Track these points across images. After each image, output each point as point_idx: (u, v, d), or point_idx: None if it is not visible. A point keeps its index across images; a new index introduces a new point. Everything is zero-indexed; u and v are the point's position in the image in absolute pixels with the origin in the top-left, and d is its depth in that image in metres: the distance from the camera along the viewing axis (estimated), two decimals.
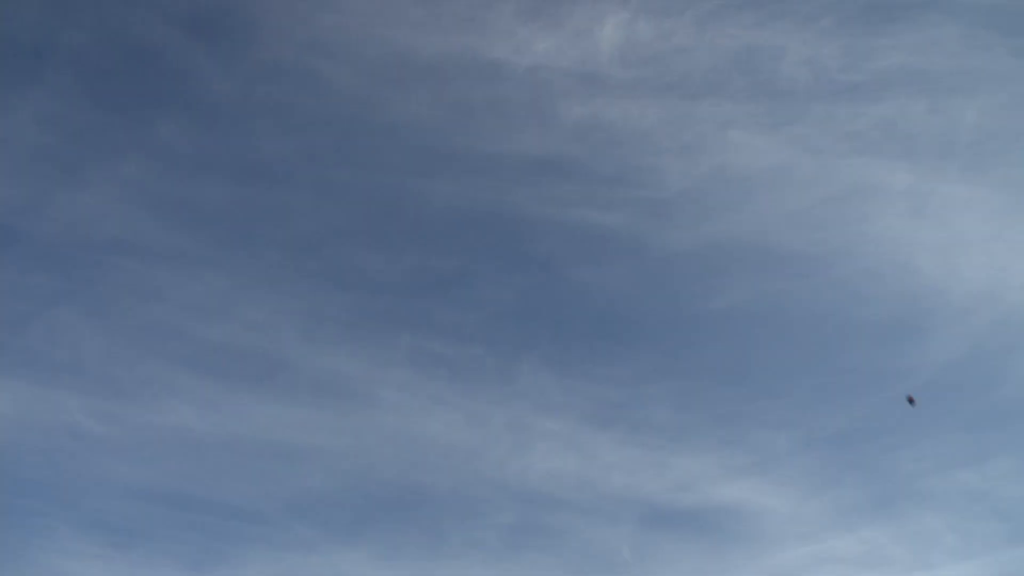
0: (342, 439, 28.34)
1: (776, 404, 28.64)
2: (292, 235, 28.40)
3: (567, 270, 28.54)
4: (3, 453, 26.03)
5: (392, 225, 28.32)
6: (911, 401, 22.34)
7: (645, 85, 27.67)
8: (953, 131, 27.30)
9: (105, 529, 26.14)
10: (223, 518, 26.78)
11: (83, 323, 27.52)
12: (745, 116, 27.68)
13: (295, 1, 27.66)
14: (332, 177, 28.07)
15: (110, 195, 27.47)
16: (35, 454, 25.88)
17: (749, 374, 28.64)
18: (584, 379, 28.45)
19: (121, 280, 27.78)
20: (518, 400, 28.53)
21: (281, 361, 27.96)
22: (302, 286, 28.19)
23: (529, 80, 27.37)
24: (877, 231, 27.89)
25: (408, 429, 28.32)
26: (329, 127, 28.15)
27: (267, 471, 27.65)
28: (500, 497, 27.82)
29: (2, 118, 26.35)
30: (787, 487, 28.11)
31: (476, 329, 28.09)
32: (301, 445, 28.03)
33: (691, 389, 28.88)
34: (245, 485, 27.59)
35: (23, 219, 26.95)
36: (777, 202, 27.57)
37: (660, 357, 28.84)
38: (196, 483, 27.45)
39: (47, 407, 26.58)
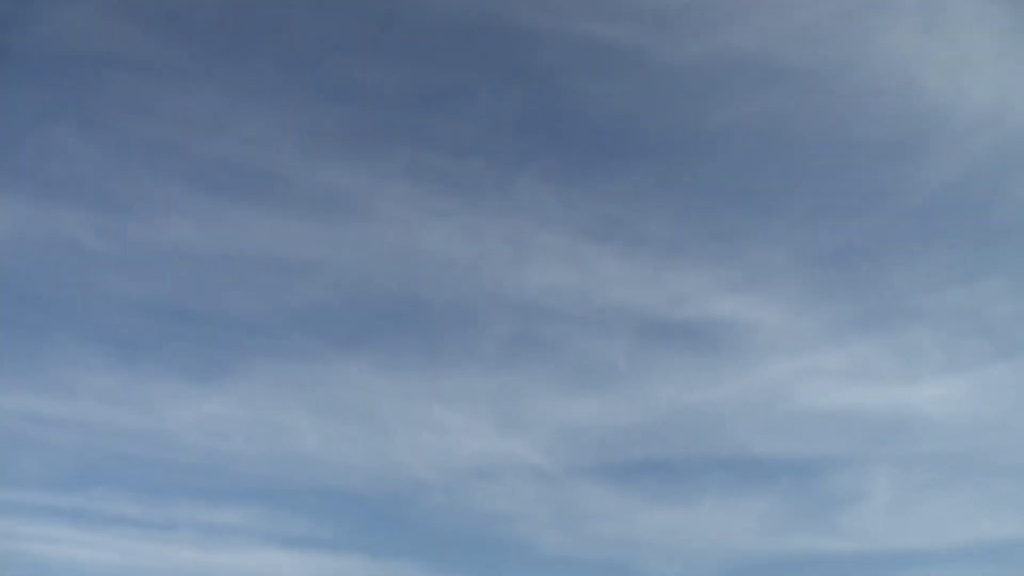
0: (341, 252, 28.66)
1: (772, 221, 28.83)
2: (287, 47, 27.86)
3: (568, 83, 28.13)
4: (3, 269, 26.34)
5: (389, 36, 27.72)
6: None
7: None
8: None
9: (110, 342, 26.77)
10: (225, 330, 27.35)
11: (77, 139, 27.32)
12: None
13: None
14: None
15: (99, 6, 26.79)
16: (36, 269, 26.21)
17: (747, 191, 28.68)
18: (583, 193, 28.49)
19: (114, 94, 27.42)
20: (516, 214, 28.67)
21: (278, 175, 27.92)
22: (298, 99, 27.85)
23: None
24: (883, 47, 27.36)
25: (406, 242, 28.59)
26: None
27: (267, 284, 28.06)
28: (498, 309, 28.34)
29: None
30: (780, 302, 28.63)
31: (475, 142, 27.93)
32: (300, 258, 28.36)
33: (689, 205, 29.01)
34: (245, 298, 28.05)
35: (9, 34, 26.38)
36: (782, 15, 26.94)
37: (659, 172, 28.81)
38: (197, 296, 27.90)
39: (46, 223, 26.74)
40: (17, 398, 25.23)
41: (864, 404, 27.31)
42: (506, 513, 27.32)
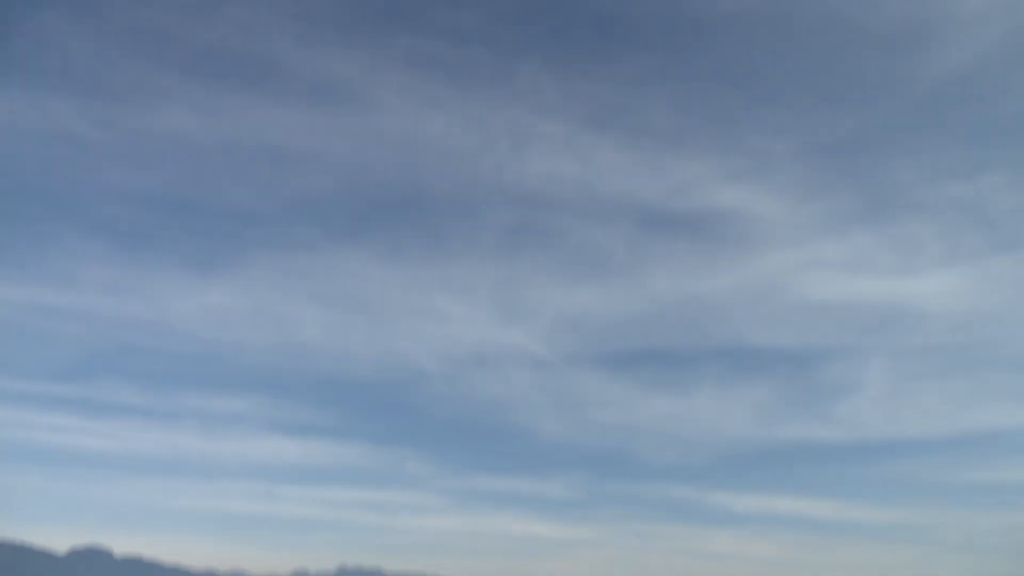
0: (341, 142, 28.85)
1: (776, 110, 28.93)
2: None
3: None
4: (2, 161, 26.42)
5: None
6: None
7: None
8: None
9: (110, 233, 27.03)
10: (225, 220, 27.61)
11: (70, 27, 27.22)
12: None
13: None
14: None
15: None
16: (34, 161, 26.26)
17: (751, 79, 28.72)
18: (583, 81, 28.51)
19: None
20: (516, 102, 28.75)
21: (276, 63, 27.90)
22: None
23: None
24: None
25: (406, 131, 28.75)
26: None
27: (266, 174, 28.24)
28: (498, 199, 28.59)
29: None
30: (781, 193, 28.90)
31: (474, 30, 27.85)
32: (299, 148, 28.54)
33: (691, 93, 29.07)
34: (245, 188, 28.28)
35: None
36: None
37: (661, 60, 28.81)
38: (196, 187, 28.11)
39: (41, 114, 26.75)
40: (18, 290, 25.54)
41: (862, 296, 27.74)
42: (506, 400, 27.89)
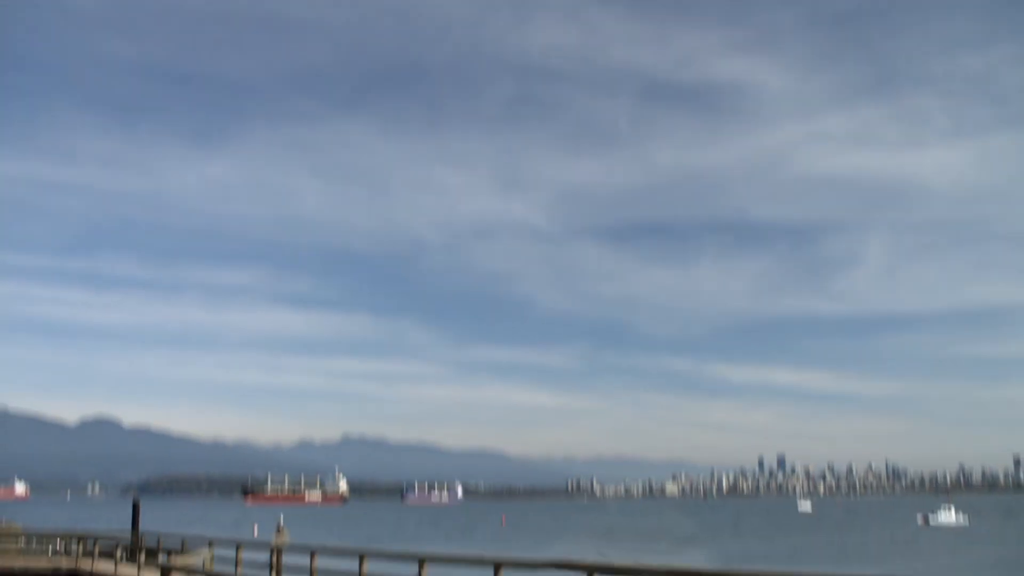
0: (339, 11, 27.84)
1: None
2: None
3: None
4: None
5: None
6: None
7: None
8: None
9: (107, 104, 26.53)
10: (223, 92, 26.99)
11: None
12: None
13: None
14: None
15: None
16: (25, 28, 25.38)
17: None
18: None
19: None
20: None
21: None
22: None
23: None
24: None
25: (404, 0, 27.63)
26: None
27: (263, 44, 27.44)
28: (499, 70, 27.84)
29: None
30: (787, 65, 28.07)
31: None
32: (297, 17, 27.57)
33: None
34: (243, 58, 27.52)
35: None
36: None
37: None
38: (194, 58, 27.34)
39: None
40: (18, 164, 25.11)
41: (866, 170, 27.33)
42: (506, 272, 27.82)
